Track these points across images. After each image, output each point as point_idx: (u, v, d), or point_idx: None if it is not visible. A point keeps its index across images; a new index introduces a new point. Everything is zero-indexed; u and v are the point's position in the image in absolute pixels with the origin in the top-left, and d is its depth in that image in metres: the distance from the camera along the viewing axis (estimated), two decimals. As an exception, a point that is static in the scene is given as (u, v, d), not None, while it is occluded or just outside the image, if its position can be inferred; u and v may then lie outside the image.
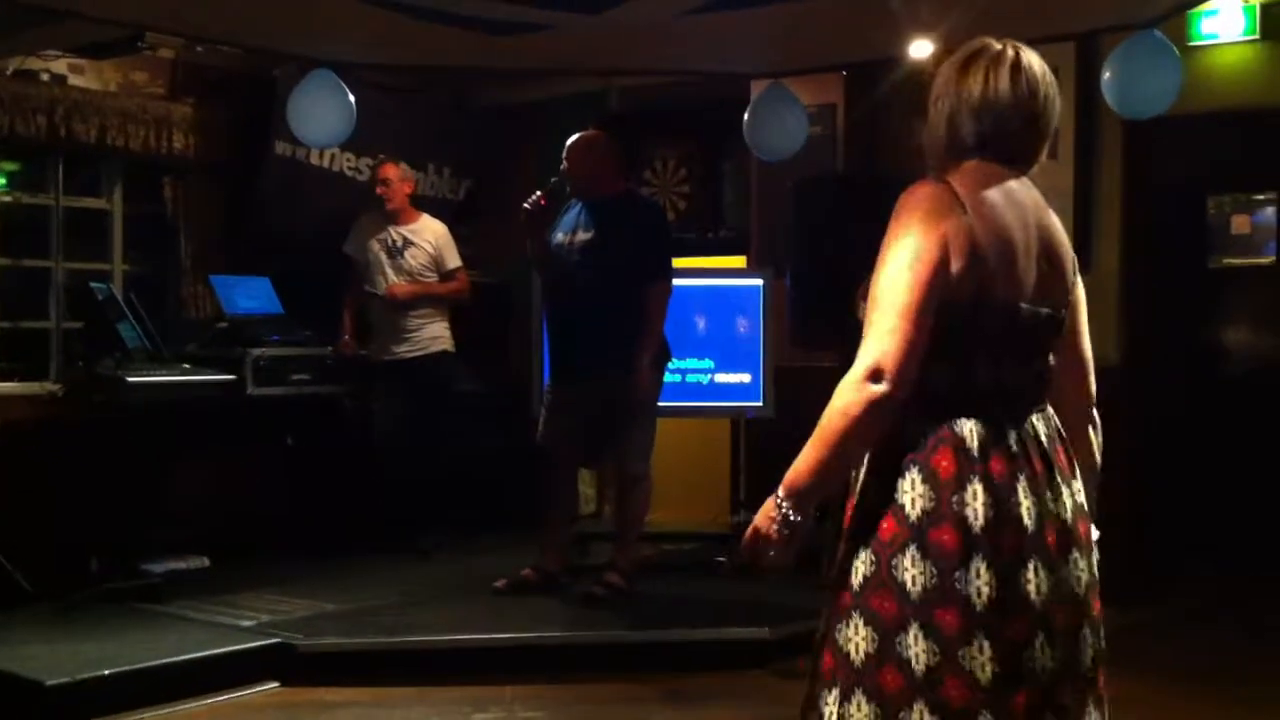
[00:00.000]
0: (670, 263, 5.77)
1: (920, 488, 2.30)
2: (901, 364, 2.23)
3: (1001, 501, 2.29)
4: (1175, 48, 5.32)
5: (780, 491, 2.32)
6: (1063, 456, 2.40)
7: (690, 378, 6.67)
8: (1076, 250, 6.94)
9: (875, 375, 2.23)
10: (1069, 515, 2.36)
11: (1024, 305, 2.35)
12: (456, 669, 5.02)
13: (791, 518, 2.31)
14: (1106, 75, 5.31)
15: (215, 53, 6.95)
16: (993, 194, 2.36)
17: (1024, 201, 2.41)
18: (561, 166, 5.81)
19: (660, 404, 5.89)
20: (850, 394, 2.25)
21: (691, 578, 6.35)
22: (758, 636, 5.29)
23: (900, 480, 2.32)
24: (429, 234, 6.90)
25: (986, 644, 2.26)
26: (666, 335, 5.80)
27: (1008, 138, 2.41)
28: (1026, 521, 2.30)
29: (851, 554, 2.38)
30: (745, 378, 6.64)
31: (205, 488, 6.54)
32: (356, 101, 5.87)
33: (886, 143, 6.81)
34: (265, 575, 6.15)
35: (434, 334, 6.87)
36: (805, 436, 2.52)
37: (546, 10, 5.09)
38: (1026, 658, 2.28)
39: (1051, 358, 2.44)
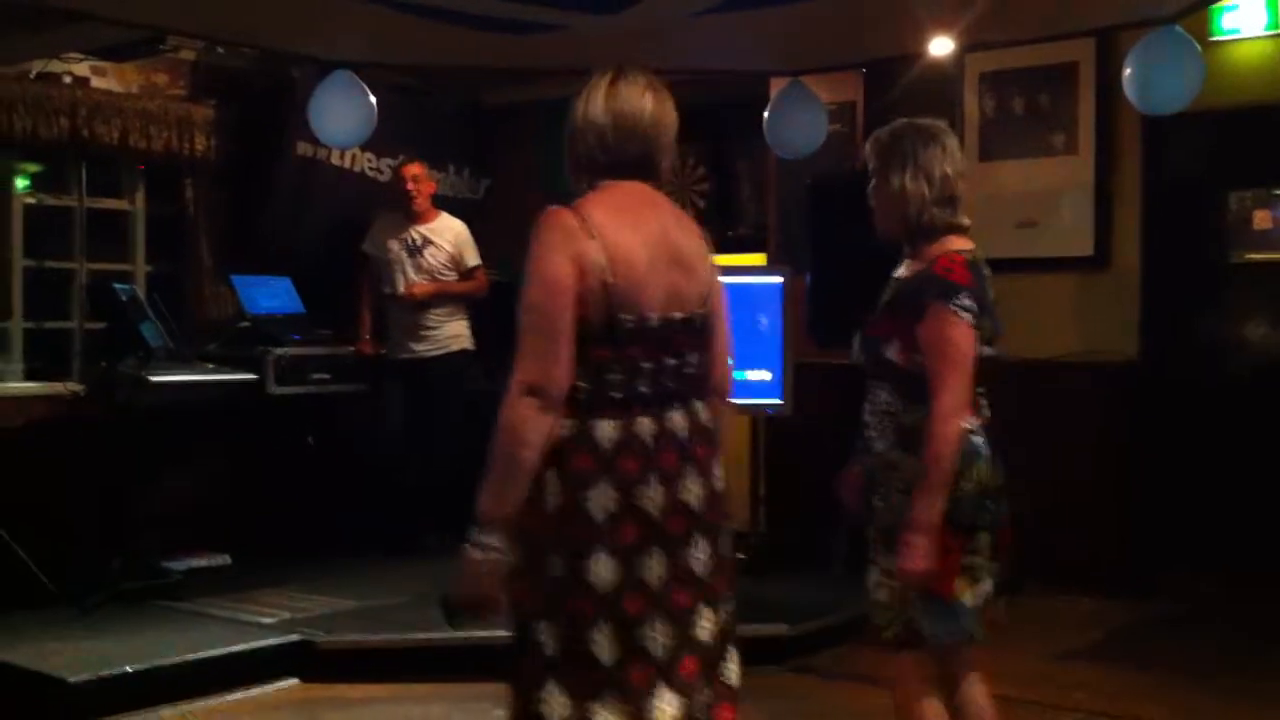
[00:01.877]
0: None
1: (554, 486, 2.52)
2: (557, 381, 2.48)
3: (628, 496, 2.50)
4: (1196, 43, 5.30)
5: (479, 534, 2.50)
6: (701, 449, 2.60)
7: (710, 376, 6.66)
8: (1097, 245, 6.88)
9: (535, 393, 2.46)
10: (698, 504, 2.56)
11: (653, 315, 2.55)
12: (476, 665, 5.01)
13: (497, 549, 2.50)
14: (1127, 71, 5.27)
15: (235, 54, 7.00)
16: (620, 213, 2.58)
17: (653, 216, 2.61)
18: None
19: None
20: (517, 415, 2.47)
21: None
22: (776, 633, 5.30)
23: (541, 483, 2.52)
24: (448, 233, 6.91)
25: (608, 627, 2.49)
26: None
27: (614, 154, 2.64)
28: (651, 512, 2.51)
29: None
30: (765, 375, 6.63)
31: (226, 486, 6.57)
32: (377, 103, 5.90)
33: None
34: (286, 572, 6.17)
35: (454, 332, 6.88)
36: (825, 433, 2.56)
37: (560, 10, 5.10)
38: (642, 635, 2.50)
39: (695, 357, 2.62)
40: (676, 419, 2.58)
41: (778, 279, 6.70)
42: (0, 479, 6.01)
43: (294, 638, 5.11)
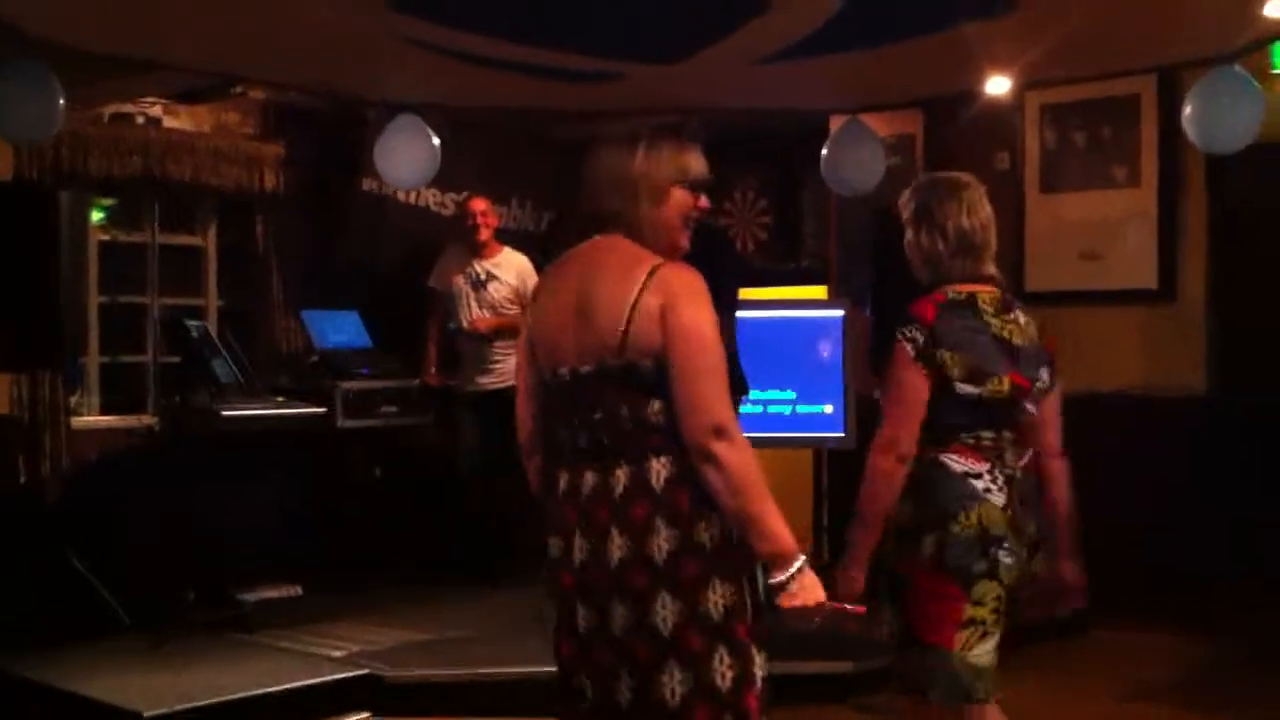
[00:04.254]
0: (731, 290, 5.69)
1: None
2: (524, 442, 2.84)
3: (565, 546, 2.65)
4: (1256, 79, 5.27)
5: None
6: (639, 509, 2.58)
7: (772, 409, 6.69)
8: (1161, 277, 6.76)
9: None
10: (615, 564, 2.58)
11: (562, 370, 2.66)
12: (545, 701, 5.06)
13: None
14: (1188, 110, 5.27)
15: (303, 94, 7.11)
16: (560, 270, 2.76)
17: (583, 262, 2.70)
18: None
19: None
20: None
21: (773, 610, 6.27)
22: (839, 670, 5.30)
23: None
24: (511, 267, 6.99)
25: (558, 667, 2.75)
26: (745, 367, 5.79)
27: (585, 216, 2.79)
28: (578, 564, 2.63)
29: None
30: (827, 409, 6.65)
31: (297, 518, 6.65)
32: (441, 138, 6.00)
33: (966, 172, 6.80)
34: (355, 605, 6.24)
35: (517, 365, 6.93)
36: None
37: (618, 60, 5.16)
38: (575, 682, 2.71)
39: (628, 409, 2.59)
40: (620, 474, 2.59)
41: (839, 312, 6.73)
42: (76, 510, 6.16)
43: (363, 671, 5.18)
